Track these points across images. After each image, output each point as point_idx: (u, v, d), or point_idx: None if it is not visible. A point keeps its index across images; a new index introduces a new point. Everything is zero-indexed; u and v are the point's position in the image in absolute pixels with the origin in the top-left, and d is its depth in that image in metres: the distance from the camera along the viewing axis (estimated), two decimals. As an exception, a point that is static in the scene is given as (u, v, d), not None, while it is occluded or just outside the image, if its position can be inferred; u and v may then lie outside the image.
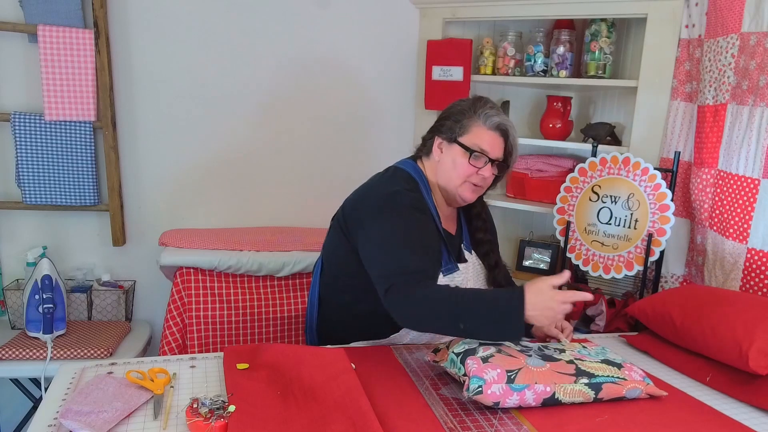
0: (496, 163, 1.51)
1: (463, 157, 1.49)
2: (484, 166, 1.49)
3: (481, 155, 1.49)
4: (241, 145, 2.51)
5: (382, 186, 1.52)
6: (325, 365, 1.30)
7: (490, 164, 1.50)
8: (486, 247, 1.61)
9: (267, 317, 2.20)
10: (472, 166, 1.49)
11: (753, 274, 1.79)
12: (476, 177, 1.50)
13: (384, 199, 1.46)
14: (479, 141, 1.49)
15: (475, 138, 1.49)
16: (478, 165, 1.49)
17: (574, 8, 2.30)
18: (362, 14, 2.57)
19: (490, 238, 1.62)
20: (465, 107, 1.54)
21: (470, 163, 1.49)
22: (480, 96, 1.58)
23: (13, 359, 1.94)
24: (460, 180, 1.51)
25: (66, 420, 1.09)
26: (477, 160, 1.49)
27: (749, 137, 1.79)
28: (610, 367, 1.32)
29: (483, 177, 1.50)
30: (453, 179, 1.51)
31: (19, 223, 2.28)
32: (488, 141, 1.49)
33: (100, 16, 2.14)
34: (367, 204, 1.50)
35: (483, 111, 1.50)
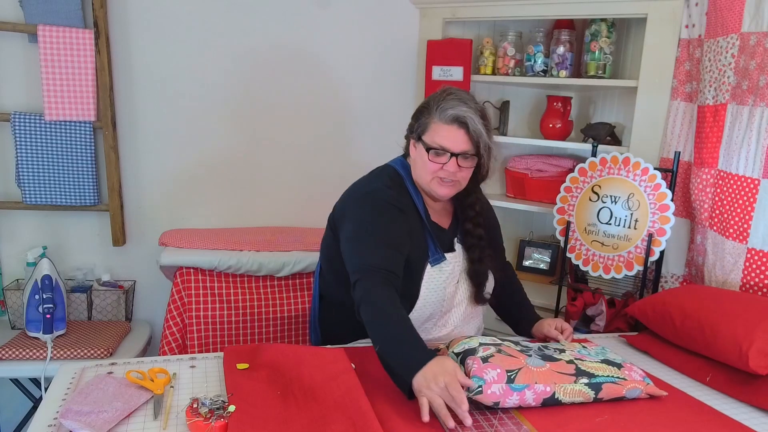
0: (463, 155, 1.47)
1: (426, 155, 1.49)
2: (448, 162, 1.47)
3: (440, 151, 1.46)
4: (241, 145, 2.51)
5: (363, 184, 1.57)
6: (325, 365, 1.30)
7: (454, 159, 1.46)
8: (470, 241, 1.59)
9: (267, 317, 2.20)
10: (434, 162, 1.48)
11: (753, 274, 1.79)
12: (442, 172, 1.48)
13: (360, 197, 1.53)
14: (437, 137, 1.47)
15: (434, 135, 1.48)
16: (441, 161, 1.47)
17: (574, 8, 2.30)
18: (362, 14, 2.57)
19: (476, 231, 1.60)
20: (425, 104, 1.53)
21: (431, 160, 1.48)
22: (444, 88, 1.55)
23: (13, 359, 1.94)
24: (429, 177, 1.50)
25: (66, 420, 1.09)
26: (438, 156, 1.47)
27: (749, 137, 1.79)
28: (610, 367, 1.32)
29: (450, 172, 1.48)
30: (423, 176, 1.52)
31: (19, 223, 2.28)
32: (445, 135, 1.46)
33: (100, 16, 2.14)
34: (348, 202, 1.57)
35: (439, 105, 1.48)
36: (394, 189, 1.52)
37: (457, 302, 1.60)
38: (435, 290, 1.53)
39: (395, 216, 1.48)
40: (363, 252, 1.43)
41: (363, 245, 1.44)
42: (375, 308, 1.33)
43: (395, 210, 1.49)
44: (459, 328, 1.62)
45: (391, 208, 1.48)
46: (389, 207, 1.49)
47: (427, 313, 1.54)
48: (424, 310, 1.53)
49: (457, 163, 1.47)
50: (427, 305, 1.53)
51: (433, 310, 1.55)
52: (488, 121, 1.51)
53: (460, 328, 1.63)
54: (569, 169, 2.41)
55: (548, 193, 2.50)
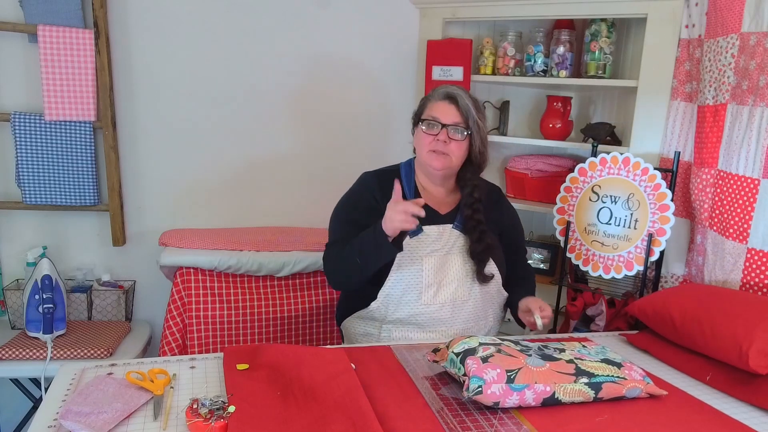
0: (453, 128, 1.66)
1: (421, 130, 1.70)
2: (439, 132, 1.66)
3: (432, 122, 1.67)
4: (241, 145, 2.51)
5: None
6: (325, 365, 1.30)
7: (444, 130, 1.66)
8: (470, 224, 1.73)
9: (267, 317, 2.20)
10: (428, 134, 1.68)
11: (753, 274, 1.79)
12: (435, 144, 1.67)
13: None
14: (430, 111, 1.70)
15: (429, 111, 1.71)
16: (433, 132, 1.67)
17: (574, 8, 2.30)
18: (362, 14, 2.57)
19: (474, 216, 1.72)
20: (425, 96, 1.77)
21: (425, 132, 1.68)
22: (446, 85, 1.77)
23: (13, 359, 1.94)
24: (424, 150, 1.70)
25: (66, 420, 1.09)
26: (431, 128, 1.68)
27: (749, 137, 1.79)
28: (609, 367, 1.32)
29: (441, 142, 1.66)
30: (421, 154, 1.72)
31: (19, 223, 2.28)
32: (437, 109, 1.69)
33: (100, 16, 2.14)
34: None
35: (435, 90, 1.73)
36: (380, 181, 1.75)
37: (448, 280, 1.69)
38: (411, 259, 1.68)
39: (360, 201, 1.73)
40: (332, 227, 1.77)
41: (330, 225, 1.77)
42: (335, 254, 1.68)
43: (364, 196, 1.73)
44: (447, 307, 1.68)
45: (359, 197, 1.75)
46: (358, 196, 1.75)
47: (405, 280, 1.67)
48: (401, 275, 1.67)
49: (447, 134, 1.66)
50: (403, 273, 1.67)
51: (411, 279, 1.67)
52: (479, 107, 1.72)
53: (450, 309, 1.69)
54: (569, 169, 2.41)
55: (548, 193, 2.50)
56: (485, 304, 1.75)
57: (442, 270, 1.69)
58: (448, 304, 1.69)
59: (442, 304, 1.68)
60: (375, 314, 1.71)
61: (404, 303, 1.67)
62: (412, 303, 1.67)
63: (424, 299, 1.67)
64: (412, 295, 1.67)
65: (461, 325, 1.72)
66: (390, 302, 1.68)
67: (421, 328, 1.69)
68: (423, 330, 1.69)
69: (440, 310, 1.68)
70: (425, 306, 1.67)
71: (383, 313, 1.70)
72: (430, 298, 1.67)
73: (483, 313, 1.75)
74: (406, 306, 1.67)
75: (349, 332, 1.83)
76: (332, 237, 1.75)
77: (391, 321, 1.70)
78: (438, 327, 1.69)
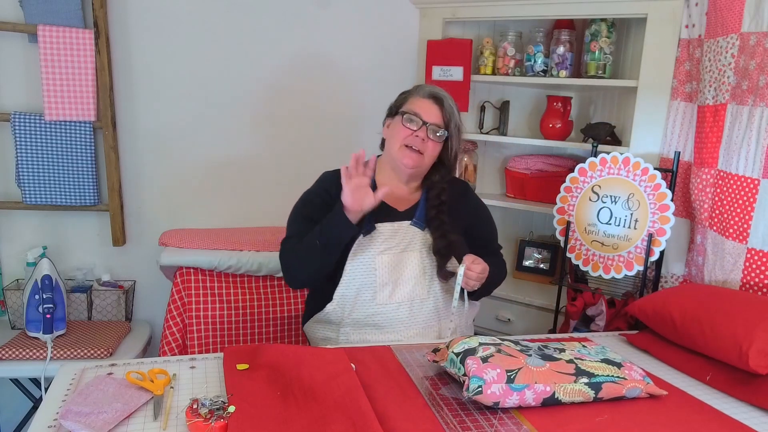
0: (433, 128, 1.64)
1: (400, 122, 1.66)
2: (419, 129, 1.63)
3: (414, 117, 1.64)
4: (241, 145, 2.51)
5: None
6: (325, 365, 1.30)
7: (424, 127, 1.63)
8: (434, 224, 1.69)
9: (267, 317, 2.20)
10: (407, 128, 1.64)
11: (753, 274, 1.79)
12: (412, 139, 1.63)
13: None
14: (413, 106, 1.66)
15: (410, 105, 1.67)
16: (413, 127, 1.64)
17: (574, 8, 2.30)
18: (362, 14, 2.57)
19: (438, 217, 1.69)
20: (406, 90, 1.74)
21: (405, 125, 1.64)
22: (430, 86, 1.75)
23: (13, 359, 1.94)
24: (398, 144, 1.65)
25: (66, 421, 1.09)
26: (411, 122, 1.64)
27: (749, 137, 1.79)
28: (609, 367, 1.32)
29: (420, 139, 1.63)
30: (393, 147, 1.67)
31: (19, 223, 2.28)
32: (421, 106, 1.65)
33: (100, 16, 2.14)
34: None
35: (417, 88, 1.71)
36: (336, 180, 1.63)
37: (404, 279, 1.66)
38: (364, 257, 1.64)
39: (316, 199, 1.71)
40: (289, 223, 1.73)
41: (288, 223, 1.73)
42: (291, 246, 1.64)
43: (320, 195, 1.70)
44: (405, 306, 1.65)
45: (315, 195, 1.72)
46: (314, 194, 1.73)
47: (359, 279, 1.64)
48: (354, 274, 1.64)
49: (426, 132, 1.63)
50: (357, 271, 1.64)
51: (365, 278, 1.64)
52: (459, 113, 1.70)
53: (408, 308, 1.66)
54: (569, 169, 2.41)
55: (548, 193, 2.50)
56: (448, 304, 1.69)
57: (397, 268, 1.66)
58: (405, 304, 1.65)
59: (399, 303, 1.64)
60: (332, 317, 1.67)
61: (359, 303, 1.64)
62: (368, 303, 1.64)
63: (380, 299, 1.63)
64: (367, 295, 1.64)
65: (421, 324, 1.68)
66: (345, 303, 1.65)
67: (378, 329, 1.65)
68: (381, 331, 1.65)
69: (397, 310, 1.64)
70: (381, 306, 1.64)
71: (339, 315, 1.66)
72: (385, 297, 1.64)
73: (446, 312, 1.71)
74: (361, 307, 1.64)
75: (310, 338, 1.79)
76: (288, 233, 1.71)
77: (349, 323, 1.66)
78: (396, 327, 1.65)
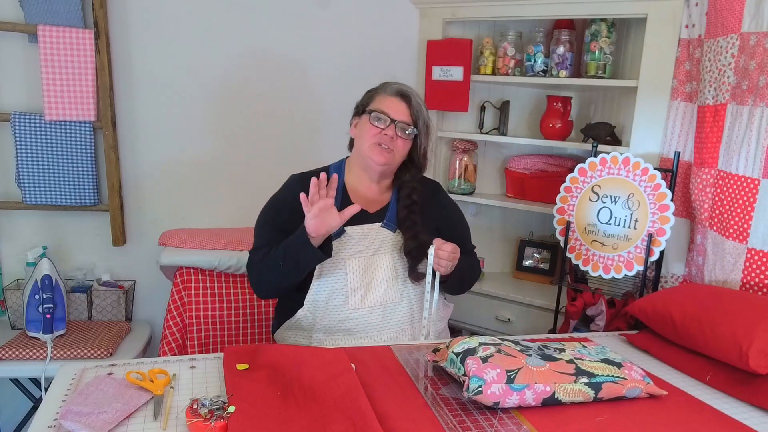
0: (401, 126, 1.62)
1: (368, 121, 1.64)
2: (388, 127, 1.62)
3: (382, 115, 1.62)
4: (242, 145, 2.51)
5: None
6: (325, 365, 1.30)
7: (393, 125, 1.62)
8: (405, 224, 1.68)
9: (267, 317, 2.20)
10: (375, 127, 1.62)
11: (753, 274, 1.79)
12: (381, 137, 1.62)
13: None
14: (381, 105, 1.65)
15: (378, 104, 1.65)
16: (381, 126, 1.62)
17: (574, 8, 2.30)
18: (362, 14, 2.57)
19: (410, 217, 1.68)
20: (373, 88, 1.72)
21: (372, 123, 1.63)
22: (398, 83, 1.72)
23: (13, 359, 1.94)
24: (368, 143, 1.63)
25: (66, 421, 1.09)
26: (379, 121, 1.63)
27: (749, 137, 1.79)
28: (609, 367, 1.32)
29: (388, 137, 1.61)
30: (363, 146, 1.65)
31: (19, 223, 2.28)
32: (388, 104, 1.64)
33: (100, 16, 2.14)
34: None
35: (384, 85, 1.69)
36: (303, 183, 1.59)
37: (376, 282, 1.64)
38: (334, 261, 1.62)
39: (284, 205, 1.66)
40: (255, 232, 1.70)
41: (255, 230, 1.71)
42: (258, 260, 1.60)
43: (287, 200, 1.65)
44: (378, 311, 1.64)
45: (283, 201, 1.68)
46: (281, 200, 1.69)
47: (330, 284, 1.62)
48: (325, 280, 1.62)
49: (395, 130, 1.62)
50: (327, 277, 1.62)
51: (335, 283, 1.63)
52: (427, 110, 1.69)
53: (381, 312, 1.64)
54: (569, 169, 2.41)
55: (548, 193, 2.50)
56: (422, 307, 1.68)
57: (368, 272, 1.64)
58: (378, 308, 1.64)
59: (372, 307, 1.63)
60: (303, 323, 1.65)
61: (331, 309, 1.62)
62: (339, 308, 1.62)
63: (351, 303, 1.62)
64: (338, 300, 1.62)
65: (395, 328, 1.67)
66: (317, 309, 1.63)
67: (351, 334, 1.63)
68: (354, 337, 1.63)
69: (370, 315, 1.63)
70: (353, 311, 1.62)
71: (311, 321, 1.64)
72: (357, 302, 1.62)
73: (419, 315, 1.69)
74: (333, 312, 1.62)
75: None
76: (255, 242, 1.68)
77: (321, 329, 1.64)
78: (369, 332, 1.64)
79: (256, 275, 1.63)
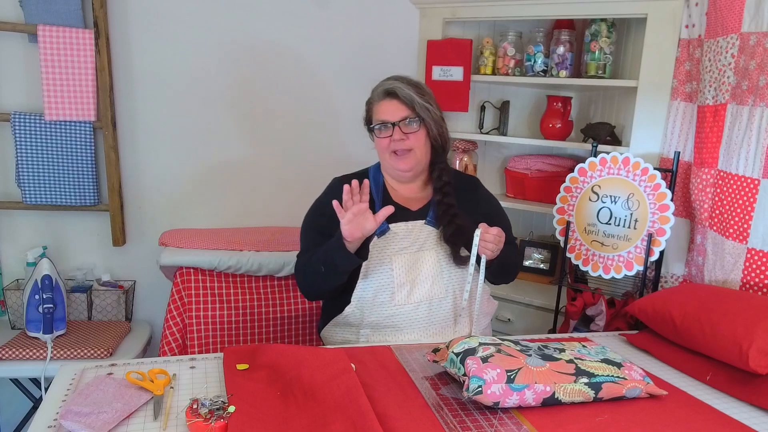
0: (403, 122, 1.62)
1: (376, 136, 1.67)
2: (393, 132, 1.63)
3: (382, 126, 1.64)
4: (241, 145, 2.51)
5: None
6: (325, 365, 1.30)
7: (396, 128, 1.62)
8: (440, 209, 1.69)
9: (267, 317, 2.20)
10: (382, 138, 1.65)
11: (753, 274, 1.79)
12: (393, 144, 1.64)
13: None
14: (377, 115, 1.66)
15: (375, 114, 1.67)
16: (387, 135, 1.64)
17: (574, 8, 2.30)
18: (362, 14, 2.57)
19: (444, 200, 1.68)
20: (368, 98, 1.73)
21: (379, 137, 1.66)
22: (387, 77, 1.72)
23: (13, 359, 1.94)
24: (385, 155, 1.68)
25: (66, 421, 1.09)
26: (383, 131, 1.65)
27: (749, 137, 1.79)
28: (609, 367, 1.32)
29: (399, 141, 1.63)
30: (384, 158, 1.70)
31: (19, 223, 2.28)
32: (383, 110, 1.65)
33: (100, 16, 2.15)
34: None
35: (374, 92, 1.70)
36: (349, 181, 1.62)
37: (422, 278, 1.65)
38: (380, 259, 1.65)
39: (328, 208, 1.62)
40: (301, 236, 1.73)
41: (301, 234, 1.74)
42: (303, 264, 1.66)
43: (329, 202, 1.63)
44: (424, 306, 1.64)
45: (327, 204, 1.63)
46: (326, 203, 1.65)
47: (376, 282, 1.64)
48: (371, 278, 1.64)
49: (400, 130, 1.62)
50: (373, 274, 1.64)
51: (381, 280, 1.64)
52: (423, 90, 1.66)
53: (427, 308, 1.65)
54: (569, 169, 2.41)
55: (548, 193, 2.50)
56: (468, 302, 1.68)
57: (414, 268, 1.65)
58: (424, 303, 1.64)
59: (417, 303, 1.64)
60: (350, 319, 1.67)
61: (378, 305, 1.63)
62: (386, 304, 1.63)
63: (398, 299, 1.63)
64: (385, 296, 1.63)
65: (440, 324, 1.67)
66: (364, 305, 1.64)
67: (397, 330, 1.64)
68: (400, 332, 1.65)
69: (416, 310, 1.64)
70: (399, 307, 1.63)
71: (359, 318, 1.66)
72: (403, 298, 1.63)
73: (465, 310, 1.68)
74: (380, 308, 1.63)
75: (328, 342, 1.77)
76: (301, 246, 1.72)
77: (368, 325, 1.65)
78: (415, 328, 1.64)
79: (302, 279, 1.68)
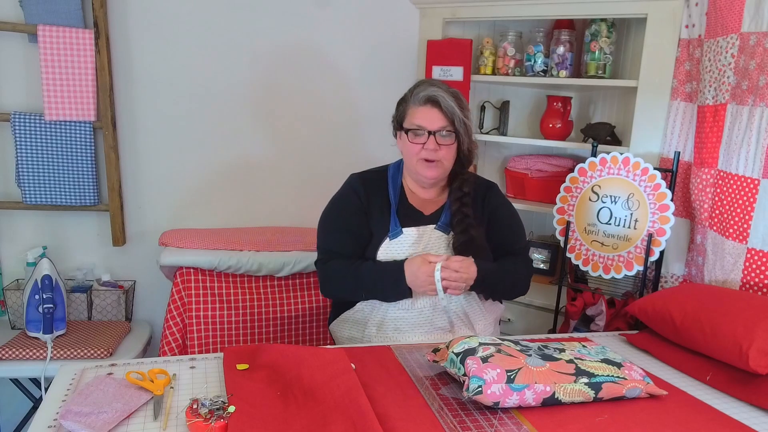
0: (439, 132, 1.59)
1: (407, 139, 1.62)
2: (428, 140, 1.59)
3: (418, 130, 1.60)
4: (241, 145, 2.51)
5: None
6: (325, 365, 1.30)
7: (432, 137, 1.59)
8: (456, 217, 1.67)
9: (267, 317, 2.20)
10: (415, 143, 1.61)
11: (753, 274, 1.79)
12: (424, 152, 1.60)
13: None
14: (414, 119, 1.61)
15: (411, 118, 1.62)
16: (420, 141, 1.60)
17: (574, 8, 2.30)
18: (362, 14, 2.57)
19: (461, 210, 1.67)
20: (403, 96, 1.69)
21: (411, 141, 1.61)
22: (422, 79, 1.70)
23: (13, 359, 1.94)
24: (414, 160, 1.63)
25: (66, 421, 1.09)
26: (417, 136, 1.61)
27: (749, 137, 1.79)
28: (609, 367, 1.32)
29: (432, 150, 1.59)
30: (409, 162, 1.66)
31: (19, 223, 2.28)
32: (421, 116, 1.60)
33: (100, 16, 2.14)
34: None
35: (414, 92, 1.64)
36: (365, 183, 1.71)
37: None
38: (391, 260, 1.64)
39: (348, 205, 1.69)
40: (320, 238, 1.72)
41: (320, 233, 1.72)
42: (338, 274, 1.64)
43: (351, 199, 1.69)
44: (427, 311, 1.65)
45: (347, 200, 1.70)
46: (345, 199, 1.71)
47: None
48: None
49: (435, 140, 1.59)
50: None
51: None
52: (462, 102, 1.63)
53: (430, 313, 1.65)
54: (569, 169, 2.41)
55: (548, 193, 2.50)
56: (472, 308, 1.69)
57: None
58: (427, 309, 1.65)
59: (421, 309, 1.65)
60: (358, 316, 1.69)
61: (384, 306, 1.65)
62: (391, 306, 1.65)
63: (403, 303, 1.64)
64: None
65: (443, 329, 1.68)
66: (373, 304, 1.67)
67: (400, 332, 1.66)
68: (402, 335, 1.66)
69: (419, 315, 1.65)
70: (404, 310, 1.64)
71: (366, 315, 1.68)
72: (408, 302, 1.64)
73: (467, 319, 1.69)
74: (385, 309, 1.65)
75: (335, 336, 1.81)
76: (325, 246, 1.70)
77: (374, 324, 1.67)
78: (417, 331, 1.66)
79: (328, 285, 1.69)
